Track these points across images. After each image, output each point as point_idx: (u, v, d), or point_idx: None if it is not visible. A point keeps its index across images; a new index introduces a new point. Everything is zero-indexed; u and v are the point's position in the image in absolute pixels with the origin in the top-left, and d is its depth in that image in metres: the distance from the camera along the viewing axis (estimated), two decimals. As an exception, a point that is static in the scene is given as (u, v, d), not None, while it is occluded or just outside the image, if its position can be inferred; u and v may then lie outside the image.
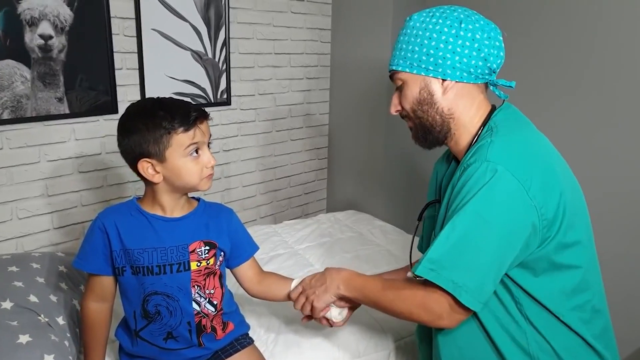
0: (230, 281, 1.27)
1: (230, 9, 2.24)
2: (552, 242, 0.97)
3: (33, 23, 1.69)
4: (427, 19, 1.05)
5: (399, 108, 1.13)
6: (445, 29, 1.03)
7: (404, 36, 1.09)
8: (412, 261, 1.26)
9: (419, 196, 2.59)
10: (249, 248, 1.25)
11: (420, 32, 1.05)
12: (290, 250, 1.93)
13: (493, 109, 1.11)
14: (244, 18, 2.31)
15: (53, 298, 1.32)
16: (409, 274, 1.05)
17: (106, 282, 1.14)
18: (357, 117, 2.66)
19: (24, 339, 1.14)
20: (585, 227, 1.06)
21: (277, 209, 2.73)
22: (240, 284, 1.29)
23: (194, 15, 2.12)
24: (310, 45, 2.62)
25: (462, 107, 1.07)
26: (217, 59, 2.24)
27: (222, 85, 2.29)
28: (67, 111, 1.83)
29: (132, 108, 1.10)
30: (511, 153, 0.97)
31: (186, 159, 1.06)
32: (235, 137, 2.42)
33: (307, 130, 2.75)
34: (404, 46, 1.08)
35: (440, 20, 1.04)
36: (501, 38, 1.06)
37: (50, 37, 1.73)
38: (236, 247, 1.22)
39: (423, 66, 1.05)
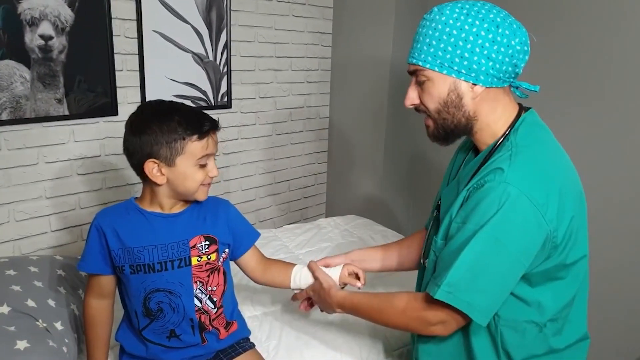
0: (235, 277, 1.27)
1: (232, 12, 2.23)
2: (554, 260, 1.01)
3: (33, 23, 1.67)
4: (462, 17, 0.99)
5: (417, 102, 1.09)
6: (482, 33, 0.98)
7: (433, 31, 1.01)
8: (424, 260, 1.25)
9: (419, 201, 2.58)
10: (248, 238, 1.26)
11: (454, 32, 0.99)
12: (291, 255, 1.91)
13: (520, 109, 1.09)
14: (246, 21, 2.30)
15: (51, 302, 1.30)
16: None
17: (104, 280, 1.14)
18: (357, 121, 2.65)
19: (21, 344, 1.12)
20: (584, 244, 1.07)
21: (276, 213, 2.71)
22: (245, 274, 1.30)
23: (196, 18, 2.11)
24: (312, 49, 2.61)
25: (487, 109, 1.05)
26: (218, 62, 2.23)
27: (223, 88, 2.28)
28: (67, 112, 1.81)
29: (147, 108, 1.09)
30: (530, 176, 0.96)
31: (195, 167, 1.07)
32: (235, 141, 2.41)
33: (307, 134, 2.73)
34: (434, 42, 1.01)
35: (477, 22, 0.98)
36: (529, 42, 1.02)
37: (51, 38, 1.71)
38: (237, 238, 1.22)
39: (455, 68, 1.00)
